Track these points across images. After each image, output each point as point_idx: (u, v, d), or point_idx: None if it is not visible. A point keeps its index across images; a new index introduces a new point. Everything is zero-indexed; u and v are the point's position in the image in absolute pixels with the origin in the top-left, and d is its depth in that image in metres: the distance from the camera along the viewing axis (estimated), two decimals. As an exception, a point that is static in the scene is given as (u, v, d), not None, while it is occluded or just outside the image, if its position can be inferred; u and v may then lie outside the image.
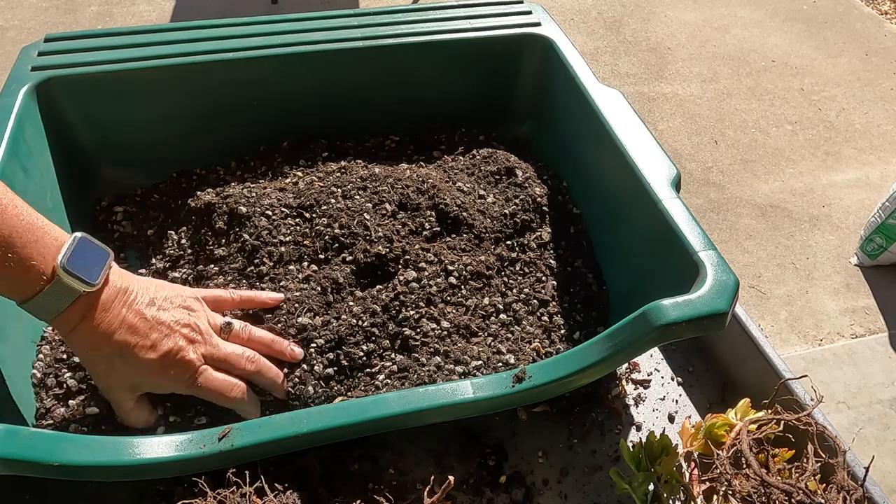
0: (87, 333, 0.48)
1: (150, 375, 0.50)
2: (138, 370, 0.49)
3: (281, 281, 0.60)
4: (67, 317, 0.47)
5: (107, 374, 0.50)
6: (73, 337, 0.48)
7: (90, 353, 0.49)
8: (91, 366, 0.50)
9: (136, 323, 0.49)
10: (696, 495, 0.49)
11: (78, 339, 0.48)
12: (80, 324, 0.47)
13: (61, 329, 0.48)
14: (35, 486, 0.53)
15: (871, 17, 2.98)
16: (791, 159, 2.26)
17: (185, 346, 0.50)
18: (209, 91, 0.73)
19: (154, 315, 0.50)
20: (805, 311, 1.81)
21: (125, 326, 0.48)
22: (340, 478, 0.54)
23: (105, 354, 0.48)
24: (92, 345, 0.48)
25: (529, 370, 0.48)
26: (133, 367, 0.49)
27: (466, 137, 0.81)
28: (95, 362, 0.49)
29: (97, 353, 0.49)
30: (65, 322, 0.47)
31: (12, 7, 2.79)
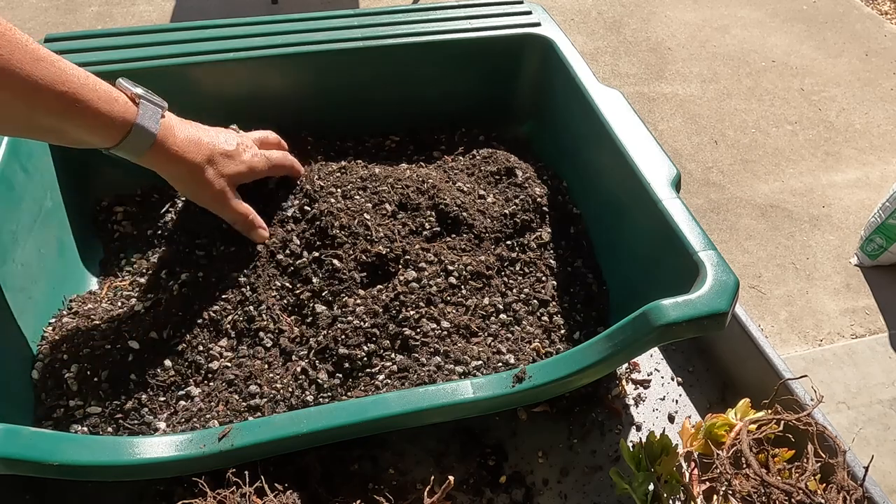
0: (180, 154, 0.55)
1: (240, 162, 0.60)
2: (230, 161, 0.59)
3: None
4: (159, 143, 0.53)
5: (212, 180, 0.58)
6: (172, 160, 0.55)
7: (190, 168, 0.56)
8: (196, 180, 0.57)
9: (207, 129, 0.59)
10: (696, 495, 0.49)
11: (176, 159, 0.55)
12: (172, 143, 0.54)
13: (157, 158, 0.54)
14: (35, 486, 0.53)
15: (871, 17, 2.98)
16: (791, 159, 2.26)
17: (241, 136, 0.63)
18: (209, 91, 0.73)
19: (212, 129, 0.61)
20: (805, 311, 1.81)
21: (202, 135, 0.58)
22: (340, 478, 0.54)
23: (202, 162, 0.57)
24: (189, 159, 0.56)
25: (529, 370, 0.48)
26: (226, 161, 0.59)
27: (466, 137, 0.81)
28: (198, 173, 0.57)
29: (195, 164, 0.56)
30: (158, 149, 0.53)
31: (12, 7, 2.79)
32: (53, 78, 0.46)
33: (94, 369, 0.55)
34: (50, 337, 0.59)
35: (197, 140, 0.57)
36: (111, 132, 0.50)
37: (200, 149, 0.57)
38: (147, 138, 0.52)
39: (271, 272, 0.63)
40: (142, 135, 0.52)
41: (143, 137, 0.52)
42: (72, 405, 0.54)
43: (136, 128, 0.51)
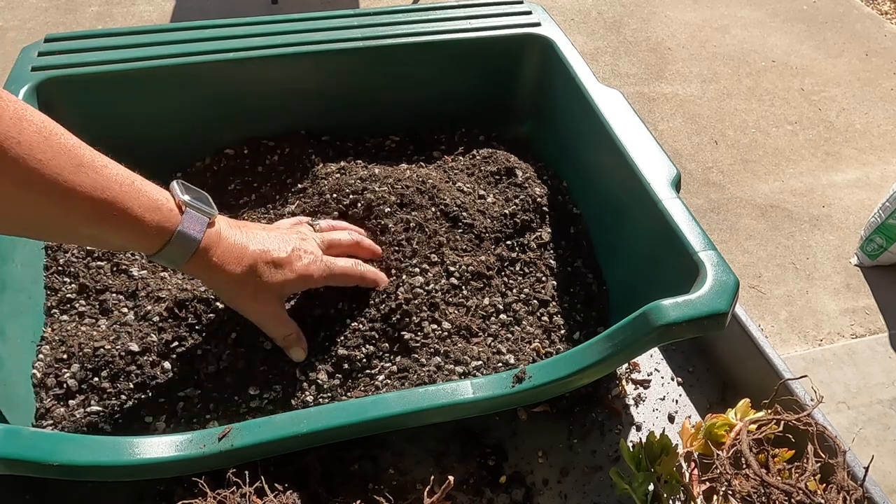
0: (221, 264, 0.51)
1: (290, 271, 0.54)
2: (278, 270, 0.54)
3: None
4: (202, 251, 0.50)
5: (254, 292, 0.53)
6: (214, 268, 0.51)
7: (231, 279, 0.52)
8: (236, 292, 0.53)
9: (259, 235, 0.55)
10: (696, 495, 0.49)
11: (218, 268, 0.51)
12: (215, 252, 0.51)
13: (199, 267, 0.51)
14: (35, 486, 0.53)
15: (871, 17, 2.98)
16: (791, 159, 2.26)
17: (304, 240, 0.57)
18: (209, 91, 0.73)
19: (269, 229, 0.57)
20: (805, 311, 1.81)
21: (251, 243, 0.53)
22: (340, 478, 0.54)
23: (244, 272, 0.52)
24: (229, 270, 0.52)
25: (529, 370, 0.48)
26: (273, 270, 0.54)
27: (466, 137, 0.81)
28: (240, 285, 0.53)
29: (236, 275, 0.52)
30: (201, 257, 0.50)
31: (12, 7, 2.79)
32: (93, 185, 0.44)
33: (94, 369, 0.55)
34: (50, 337, 0.59)
35: (242, 248, 0.53)
36: (151, 241, 0.48)
37: (243, 259, 0.53)
38: (188, 248, 0.49)
39: None
40: (182, 244, 0.49)
41: (183, 247, 0.49)
42: (72, 405, 0.54)
43: (176, 237, 0.49)
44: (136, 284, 0.62)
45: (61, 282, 0.62)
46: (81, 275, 0.62)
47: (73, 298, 0.61)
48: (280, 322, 0.56)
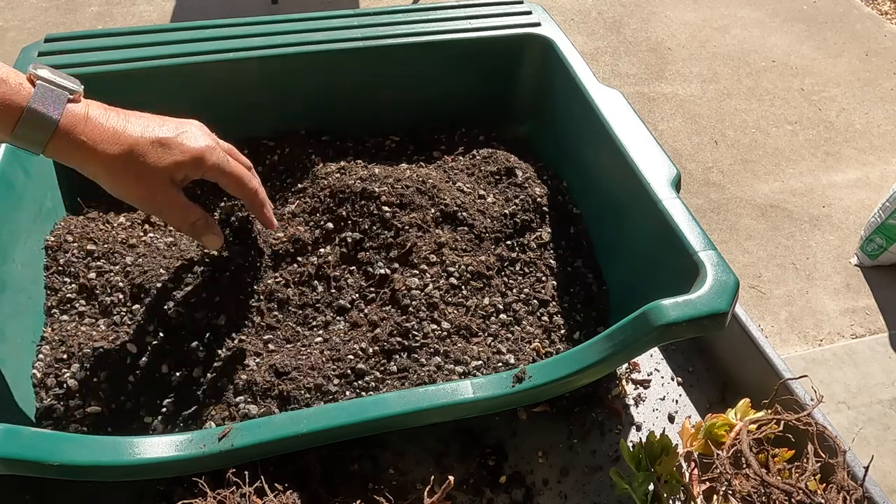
0: (92, 144, 0.46)
1: (179, 151, 0.48)
2: (166, 150, 0.48)
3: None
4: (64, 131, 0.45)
5: (138, 175, 0.47)
6: (82, 150, 0.46)
7: (107, 161, 0.46)
8: (118, 176, 0.47)
9: (142, 118, 0.49)
10: (696, 495, 0.49)
11: (86, 154, 0.46)
12: (82, 132, 0.45)
13: (64, 149, 0.45)
14: (35, 486, 0.53)
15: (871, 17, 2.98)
16: (791, 159, 2.26)
17: (200, 128, 0.51)
18: (210, 91, 0.73)
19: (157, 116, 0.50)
20: (805, 311, 1.81)
21: (129, 124, 0.47)
22: (340, 478, 0.54)
23: (123, 153, 0.46)
24: (103, 150, 0.46)
25: (529, 370, 0.48)
26: (160, 150, 0.47)
27: (466, 137, 0.81)
28: (121, 168, 0.47)
29: (112, 156, 0.46)
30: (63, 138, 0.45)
31: (12, 7, 2.79)
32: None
33: (93, 370, 0.55)
34: (50, 337, 0.59)
35: (118, 129, 0.47)
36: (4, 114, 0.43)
37: (120, 138, 0.46)
38: (45, 125, 0.44)
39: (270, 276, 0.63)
40: (37, 121, 0.44)
41: (38, 125, 0.44)
42: (72, 405, 0.54)
43: (28, 112, 0.43)
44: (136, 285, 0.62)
45: (61, 282, 0.62)
46: (81, 275, 0.62)
47: (73, 298, 0.61)
48: (179, 207, 0.50)
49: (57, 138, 0.45)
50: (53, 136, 0.45)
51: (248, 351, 0.58)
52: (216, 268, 0.62)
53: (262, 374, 0.56)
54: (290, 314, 0.62)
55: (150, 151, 0.47)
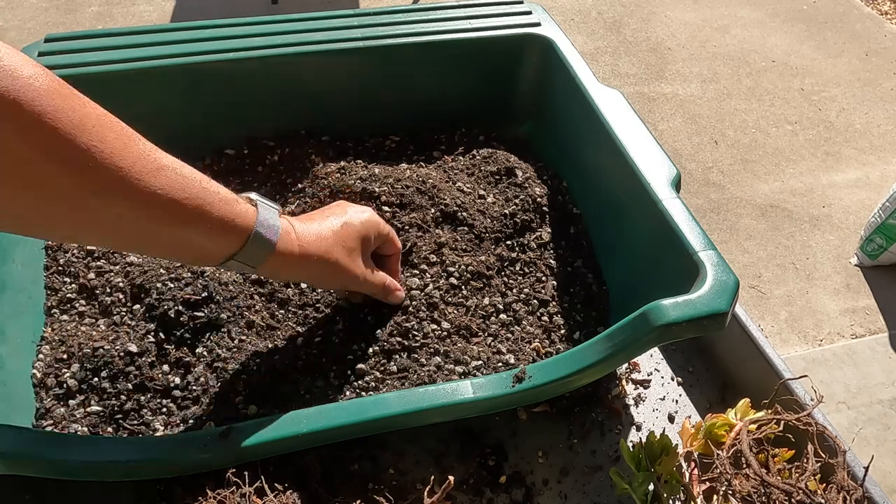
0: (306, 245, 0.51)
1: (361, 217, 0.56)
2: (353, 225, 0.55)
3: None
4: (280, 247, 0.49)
5: (349, 251, 0.54)
6: (300, 259, 0.51)
7: (320, 254, 0.52)
8: (328, 269, 0.53)
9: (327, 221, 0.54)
10: (696, 495, 0.49)
11: (303, 257, 0.51)
12: (293, 243, 0.50)
13: (280, 263, 0.50)
14: (35, 486, 0.53)
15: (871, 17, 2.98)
16: (791, 159, 2.26)
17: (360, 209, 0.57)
18: (209, 91, 0.73)
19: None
20: (805, 311, 1.81)
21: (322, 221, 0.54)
22: (340, 478, 0.54)
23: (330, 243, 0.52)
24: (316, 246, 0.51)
25: (529, 370, 0.48)
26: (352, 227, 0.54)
27: (466, 137, 0.81)
28: (336, 257, 0.53)
29: (323, 249, 0.52)
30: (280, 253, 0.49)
31: (12, 7, 2.79)
32: (173, 186, 0.43)
33: (93, 369, 0.55)
34: (50, 337, 0.59)
35: (318, 226, 0.53)
36: (234, 235, 0.47)
37: (324, 234, 0.53)
38: (270, 237, 0.48)
39: None
40: (264, 234, 0.48)
41: (265, 238, 0.48)
42: (72, 405, 0.54)
43: (258, 226, 0.47)
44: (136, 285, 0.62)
45: (61, 282, 0.62)
46: (81, 275, 0.62)
47: (73, 298, 0.61)
48: (378, 278, 0.57)
49: (278, 249, 0.49)
50: (275, 249, 0.49)
51: (248, 351, 0.58)
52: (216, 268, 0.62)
53: (262, 373, 0.56)
54: (290, 314, 0.62)
55: (349, 228, 0.54)
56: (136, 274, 0.62)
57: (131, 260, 0.63)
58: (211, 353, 0.57)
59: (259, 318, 0.60)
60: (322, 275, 0.54)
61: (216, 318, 0.59)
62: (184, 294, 0.59)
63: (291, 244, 0.50)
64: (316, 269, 0.52)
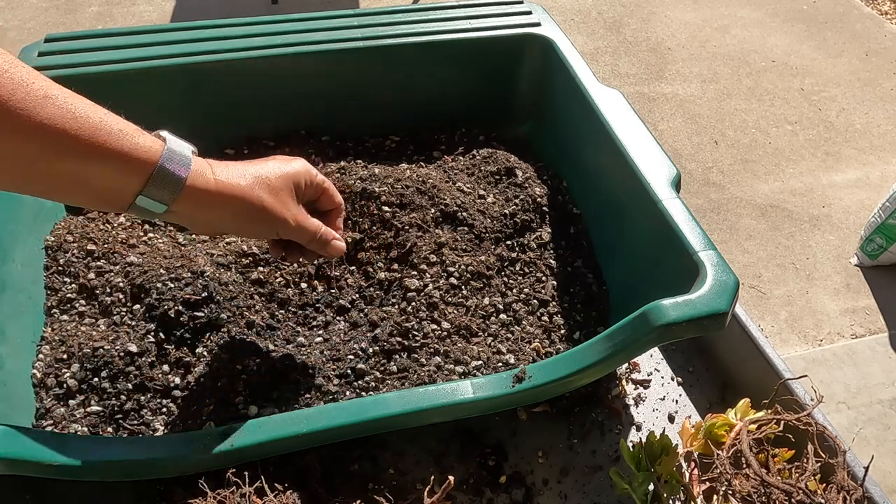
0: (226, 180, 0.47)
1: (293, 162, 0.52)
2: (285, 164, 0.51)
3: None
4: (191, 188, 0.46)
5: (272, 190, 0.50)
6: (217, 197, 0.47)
7: (243, 192, 0.48)
8: (256, 204, 0.49)
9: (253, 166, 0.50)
10: (696, 495, 0.49)
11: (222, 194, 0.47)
12: (210, 181, 0.47)
13: (193, 202, 0.46)
14: (35, 486, 0.53)
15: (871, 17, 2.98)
16: (791, 159, 2.26)
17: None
18: (209, 91, 0.73)
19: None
20: (805, 311, 1.81)
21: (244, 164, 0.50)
22: (340, 478, 0.54)
23: (251, 181, 0.48)
24: (236, 183, 0.48)
25: (529, 370, 0.48)
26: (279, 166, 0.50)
27: (466, 137, 0.81)
28: (252, 191, 0.48)
29: (245, 185, 0.48)
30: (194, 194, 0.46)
31: (12, 7, 2.79)
32: (65, 115, 0.40)
33: (93, 370, 0.55)
34: (50, 337, 0.59)
35: (238, 165, 0.49)
36: (136, 168, 0.43)
37: (247, 174, 0.49)
38: (179, 172, 0.45)
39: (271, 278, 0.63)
40: (171, 169, 0.44)
41: (173, 172, 0.44)
42: (72, 405, 0.54)
43: (164, 159, 0.44)
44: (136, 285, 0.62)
45: (61, 282, 0.62)
46: (81, 275, 0.62)
47: (73, 298, 0.61)
48: (307, 219, 0.52)
49: (188, 187, 0.45)
50: (184, 186, 0.45)
51: (249, 351, 0.58)
52: (216, 268, 0.62)
53: (262, 373, 0.56)
54: (290, 314, 0.62)
55: (273, 169, 0.50)
56: (136, 274, 0.62)
57: (131, 260, 0.63)
58: (211, 354, 0.57)
59: (259, 318, 0.60)
60: (246, 218, 0.49)
61: (216, 318, 0.59)
62: (184, 294, 0.59)
63: (206, 181, 0.46)
64: (238, 209, 0.48)
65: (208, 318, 0.59)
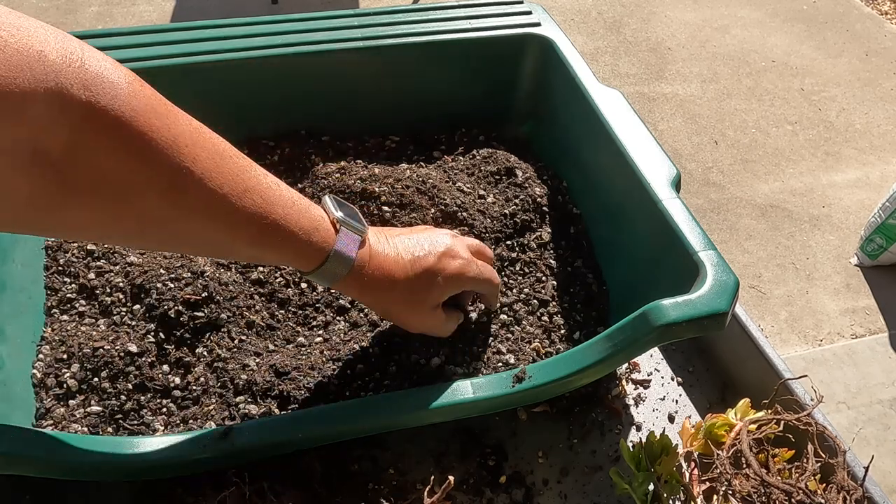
0: (373, 282, 0.50)
1: (442, 278, 0.53)
2: (430, 279, 0.52)
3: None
4: (355, 269, 0.49)
5: (408, 305, 0.53)
6: (365, 292, 0.51)
7: (385, 297, 0.52)
8: (392, 308, 0.53)
9: (407, 243, 0.53)
10: (696, 495, 0.49)
11: (369, 291, 0.51)
12: (363, 277, 0.50)
13: (353, 284, 0.50)
14: (35, 486, 0.53)
15: (871, 17, 2.98)
16: (791, 159, 2.26)
17: (455, 237, 0.56)
18: (209, 91, 0.73)
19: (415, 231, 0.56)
20: (805, 311, 1.81)
21: (400, 254, 0.52)
22: (340, 478, 0.54)
23: (399, 288, 0.51)
24: (383, 287, 0.51)
25: (529, 370, 0.48)
26: (425, 280, 0.52)
27: (466, 137, 0.81)
28: (394, 301, 0.52)
29: (389, 293, 0.51)
30: (355, 275, 0.50)
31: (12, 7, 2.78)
32: (257, 210, 0.44)
33: (93, 370, 0.55)
34: (50, 337, 0.59)
35: (393, 261, 0.52)
36: (308, 261, 0.48)
37: (394, 282, 0.51)
38: (342, 268, 0.49)
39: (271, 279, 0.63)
40: (337, 264, 0.48)
41: (338, 267, 0.48)
42: (72, 405, 0.54)
43: (332, 256, 0.48)
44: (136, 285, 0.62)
45: (61, 282, 0.62)
46: (81, 275, 0.62)
47: (73, 298, 0.61)
48: (440, 323, 0.55)
49: (348, 278, 0.49)
50: (346, 276, 0.49)
51: (248, 351, 0.58)
52: (216, 267, 0.62)
53: (262, 374, 0.56)
54: (290, 314, 0.62)
55: (420, 288, 0.52)
56: (136, 274, 0.62)
57: (131, 260, 0.63)
58: (211, 353, 0.57)
59: (259, 318, 0.60)
60: (386, 315, 0.55)
61: (216, 318, 0.59)
62: (184, 294, 0.59)
63: (364, 271, 0.50)
64: (379, 309, 0.54)
65: (208, 318, 0.59)
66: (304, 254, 0.47)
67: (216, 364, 0.56)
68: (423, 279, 0.52)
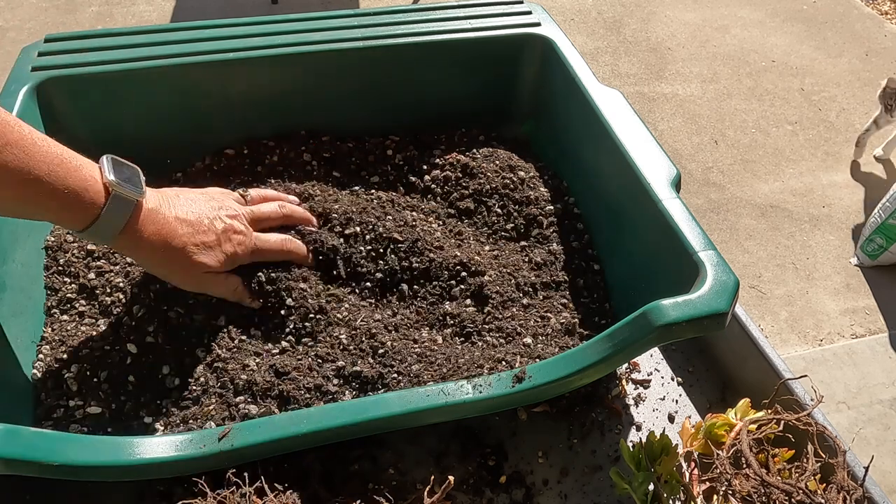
0: (149, 245, 0.52)
1: (219, 252, 0.56)
2: (207, 251, 0.55)
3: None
4: (129, 231, 0.51)
5: (184, 269, 0.55)
6: (143, 249, 0.52)
7: (159, 260, 0.54)
8: (165, 271, 0.55)
9: (188, 210, 0.55)
10: (696, 495, 0.49)
11: (147, 248, 0.52)
12: (143, 234, 0.52)
13: (127, 246, 0.52)
14: (35, 486, 0.53)
15: (871, 17, 2.98)
16: (791, 159, 2.26)
17: (233, 218, 0.58)
18: (209, 91, 0.73)
19: (197, 200, 0.57)
20: (805, 311, 1.81)
21: (180, 225, 0.54)
22: (340, 478, 0.54)
23: (172, 254, 0.53)
24: (157, 252, 0.53)
25: (529, 370, 0.48)
26: (201, 252, 0.55)
27: (466, 137, 0.81)
28: (168, 265, 0.54)
29: (163, 257, 0.53)
30: (128, 237, 0.51)
31: (12, 7, 2.79)
32: (20, 164, 0.45)
33: (93, 370, 0.55)
34: (50, 337, 0.59)
35: (170, 230, 0.53)
36: (76, 221, 0.49)
37: (172, 240, 0.53)
38: (112, 229, 0.50)
39: None
40: (107, 226, 0.50)
41: (108, 228, 0.50)
42: (72, 405, 0.54)
43: (102, 217, 0.49)
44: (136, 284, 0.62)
45: (61, 282, 0.62)
46: (81, 275, 0.62)
47: (73, 298, 0.61)
48: (219, 283, 0.57)
49: (122, 238, 0.51)
50: (119, 235, 0.51)
51: (248, 351, 0.58)
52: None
53: (262, 374, 0.56)
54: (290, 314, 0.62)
55: (195, 252, 0.55)
56: (136, 274, 0.62)
57: (131, 260, 0.63)
58: (211, 354, 0.57)
59: (259, 318, 0.60)
60: (161, 273, 0.56)
61: (216, 319, 0.59)
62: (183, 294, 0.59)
63: (137, 234, 0.51)
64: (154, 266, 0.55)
65: (208, 319, 0.59)
66: (72, 213, 0.48)
67: (216, 364, 0.56)
68: (198, 250, 0.54)
